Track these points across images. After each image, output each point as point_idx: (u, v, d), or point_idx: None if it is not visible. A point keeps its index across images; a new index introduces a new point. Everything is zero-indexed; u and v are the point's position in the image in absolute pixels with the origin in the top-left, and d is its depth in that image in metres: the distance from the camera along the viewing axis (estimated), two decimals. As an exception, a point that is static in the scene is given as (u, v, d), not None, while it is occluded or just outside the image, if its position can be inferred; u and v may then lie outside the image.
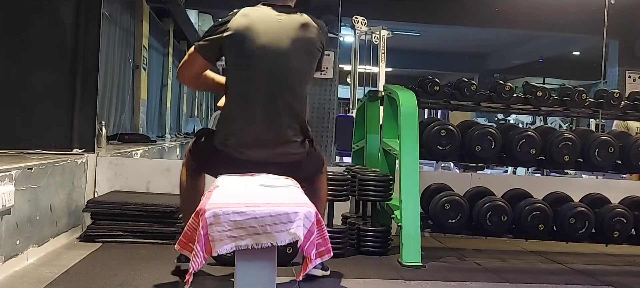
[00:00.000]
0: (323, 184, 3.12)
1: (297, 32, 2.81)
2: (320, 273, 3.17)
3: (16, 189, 3.03)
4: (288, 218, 2.27)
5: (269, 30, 2.78)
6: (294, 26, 2.81)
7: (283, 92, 2.77)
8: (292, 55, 2.79)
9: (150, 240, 3.87)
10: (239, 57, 2.79)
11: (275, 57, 2.76)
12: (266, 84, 2.76)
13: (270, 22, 2.79)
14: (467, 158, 4.28)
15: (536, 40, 13.44)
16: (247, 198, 2.36)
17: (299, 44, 2.80)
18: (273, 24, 2.79)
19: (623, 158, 4.17)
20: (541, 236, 4.01)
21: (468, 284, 3.34)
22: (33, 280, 2.95)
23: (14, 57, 4.28)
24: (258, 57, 2.76)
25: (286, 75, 2.79)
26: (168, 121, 10.93)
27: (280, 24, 2.80)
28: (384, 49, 8.21)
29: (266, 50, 2.75)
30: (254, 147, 2.76)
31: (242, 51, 2.78)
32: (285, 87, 2.78)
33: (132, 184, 4.44)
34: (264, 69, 2.76)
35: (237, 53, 2.80)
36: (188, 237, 2.36)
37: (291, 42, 2.78)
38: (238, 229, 2.24)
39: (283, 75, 2.78)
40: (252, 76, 2.77)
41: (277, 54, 2.76)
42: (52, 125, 4.28)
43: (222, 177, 2.73)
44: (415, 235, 3.67)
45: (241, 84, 2.80)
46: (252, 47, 2.75)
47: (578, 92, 4.42)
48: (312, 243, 2.31)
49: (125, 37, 7.84)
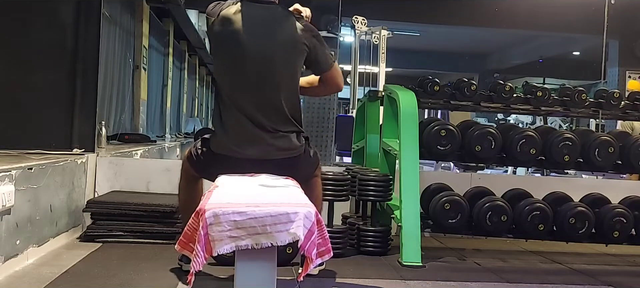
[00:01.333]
0: (318, 185, 3.14)
1: (281, 29, 2.83)
2: (316, 270, 3.17)
3: (16, 189, 3.03)
4: (288, 218, 2.27)
5: (254, 29, 2.79)
6: (277, 23, 2.84)
7: (272, 91, 2.80)
8: (278, 53, 2.81)
9: (150, 240, 3.87)
10: (225, 61, 2.84)
11: (261, 57, 2.78)
12: (254, 84, 2.78)
13: (254, 20, 2.81)
14: (467, 158, 4.28)
15: (536, 40, 13.45)
16: (247, 198, 2.36)
17: (283, 41, 2.82)
18: (257, 21, 2.81)
19: (623, 158, 4.17)
20: (541, 236, 4.01)
21: (468, 284, 3.34)
22: (33, 280, 2.95)
23: (14, 57, 4.28)
24: (244, 60, 2.78)
25: (274, 74, 2.80)
26: (168, 121, 10.93)
27: (263, 21, 2.82)
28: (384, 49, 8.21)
29: (251, 50, 2.77)
30: (249, 144, 2.78)
31: (227, 55, 2.82)
32: (274, 85, 2.80)
33: (132, 184, 4.44)
34: (251, 71, 2.78)
35: (222, 57, 2.85)
36: (188, 237, 2.36)
37: (276, 40, 2.81)
38: (238, 229, 2.24)
39: (270, 74, 2.80)
40: (240, 78, 2.79)
41: (263, 54, 2.78)
42: (52, 125, 4.28)
43: (222, 177, 2.73)
44: (415, 235, 3.67)
45: (230, 86, 2.82)
46: (237, 50, 2.78)
47: (578, 92, 4.42)
48: (312, 243, 2.31)
49: (125, 37, 7.84)
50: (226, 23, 2.79)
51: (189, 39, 12.19)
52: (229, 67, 2.82)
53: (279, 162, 2.80)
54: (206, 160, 2.91)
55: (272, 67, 2.80)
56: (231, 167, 2.77)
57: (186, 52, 13.06)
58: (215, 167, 2.84)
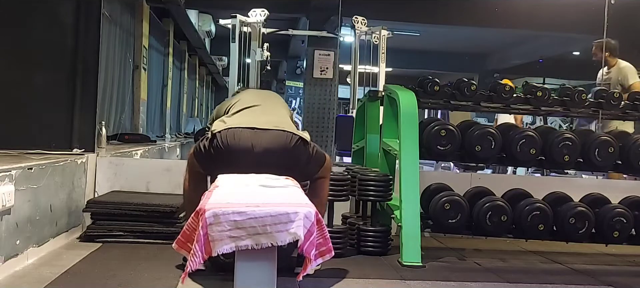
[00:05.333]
0: (324, 187, 3.16)
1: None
2: (312, 269, 3.17)
3: (16, 189, 3.03)
4: (288, 218, 2.27)
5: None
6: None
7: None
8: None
9: (150, 240, 3.87)
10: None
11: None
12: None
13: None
14: (467, 158, 4.28)
15: (536, 40, 13.44)
16: (247, 198, 2.36)
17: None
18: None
19: (623, 158, 4.17)
20: (541, 236, 4.01)
21: (468, 284, 3.34)
22: (33, 280, 2.95)
23: (14, 57, 4.28)
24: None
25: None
26: (168, 121, 10.93)
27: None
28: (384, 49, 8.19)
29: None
30: (253, 135, 2.98)
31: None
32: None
33: (132, 184, 4.44)
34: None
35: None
36: (186, 237, 2.36)
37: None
38: (238, 229, 2.25)
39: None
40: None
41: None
42: (52, 125, 4.28)
43: (222, 177, 2.73)
44: (415, 235, 3.67)
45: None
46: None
47: (578, 92, 4.42)
48: (311, 244, 2.31)
49: (125, 37, 7.84)
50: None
51: (189, 39, 12.18)
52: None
53: (282, 152, 3.00)
54: (213, 156, 3.04)
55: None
56: (237, 160, 2.97)
57: (186, 52, 13.06)
58: (221, 161, 3.01)
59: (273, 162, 3.02)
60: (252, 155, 2.99)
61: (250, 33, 7.41)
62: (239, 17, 7.30)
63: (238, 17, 7.28)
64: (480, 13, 9.87)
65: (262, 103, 3.32)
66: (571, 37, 12.12)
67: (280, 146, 3.03)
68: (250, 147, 2.99)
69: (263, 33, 7.54)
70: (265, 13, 7.38)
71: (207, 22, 12.50)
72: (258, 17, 7.36)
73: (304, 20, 10.74)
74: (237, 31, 7.26)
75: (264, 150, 3.00)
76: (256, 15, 7.37)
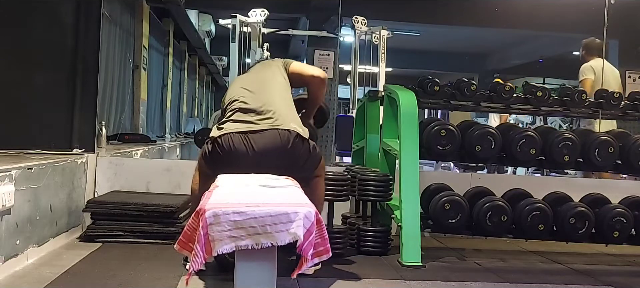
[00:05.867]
0: (320, 186, 3.17)
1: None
2: (311, 270, 3.17)
3: (16, 189, 3.03)
4: (288, 218, 2.27)
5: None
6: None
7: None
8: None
9: (150, 240, 3.87)
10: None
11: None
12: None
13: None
14: (467, 158, 4.28)
15: (536, 40, 13.43)
16: (247, 198, 2.36)
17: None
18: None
19: (623, 158, 4.17)
20: (541, 236, 4.01)
21: (468, 284, 3.34)
22: (33, 280, 2.95)
23: (14, 57, 4.28)
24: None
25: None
26: (168, 121, 10.93)
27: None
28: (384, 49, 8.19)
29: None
30: (249, 139, 3.02)
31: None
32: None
33: (132, 184, 4.44)
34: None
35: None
36: (188, 237, 2.36)
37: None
38: (238, 229, 2.25)
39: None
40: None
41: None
42: (52, 125, 4.28)
43: (222, 177, 2.74)
44: (415, 235, 3.67)
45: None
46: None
47: (578, 92, 4.42)
48: (309, 243, 2.31)
49: (125, 37, 7.84)
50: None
51: (189, 39, 12.17)
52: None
53: (283, 152, 3.04)
54: (221, 157, 3.10)
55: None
56: (242, 159, 3.03)
57: (186, 52, 13.05)
58: (228, 161, 3.07)
59: (272, 163, 3.03)
60: (250, 158, 3.03)
61: (250, 33, 7.41)
62: (239, 17, 7.31)
63: (238, 17, 7.30)
64: (480, 13, 9.86)
65: (257, 91, 3.27)
66: (571, 37, 12.08)
67: (277, 147, 3.05)
68: (246, 151, 3.03)
69: (263, 33, 7.55)
70: (265, 13, 7.39)
71: (207, 22, 12.50)
72: (258, 17, 7.38)
73: (304, 20, 10.73)
74: (237, 31, 7.27)
75: (262, 153, 3.03)
76: (256, 15, 7.38)
